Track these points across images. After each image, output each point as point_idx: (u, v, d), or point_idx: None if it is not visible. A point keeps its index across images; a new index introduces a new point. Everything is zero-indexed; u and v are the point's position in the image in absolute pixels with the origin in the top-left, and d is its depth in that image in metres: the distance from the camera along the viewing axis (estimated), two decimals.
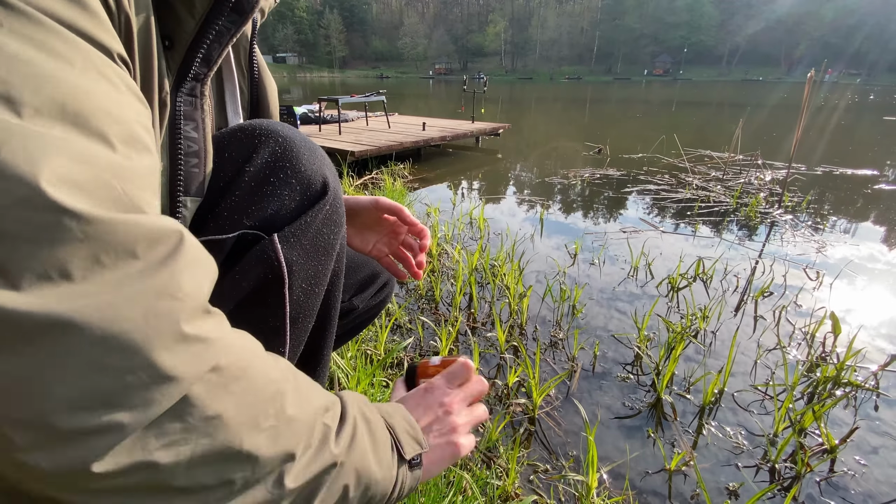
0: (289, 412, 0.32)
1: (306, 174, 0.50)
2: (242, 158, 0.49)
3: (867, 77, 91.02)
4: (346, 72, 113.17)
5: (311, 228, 0.49)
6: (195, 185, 0.46)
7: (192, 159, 0.45)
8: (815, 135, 8.49)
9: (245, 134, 0.50)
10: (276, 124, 0.52)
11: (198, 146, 0.46)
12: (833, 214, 3.70)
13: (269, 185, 0.48)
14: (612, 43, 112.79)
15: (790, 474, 1.25)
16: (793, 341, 1.87)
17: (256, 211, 0.48)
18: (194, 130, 0.45)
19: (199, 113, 0.46)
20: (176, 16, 0.41)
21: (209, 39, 0.42)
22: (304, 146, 0.51)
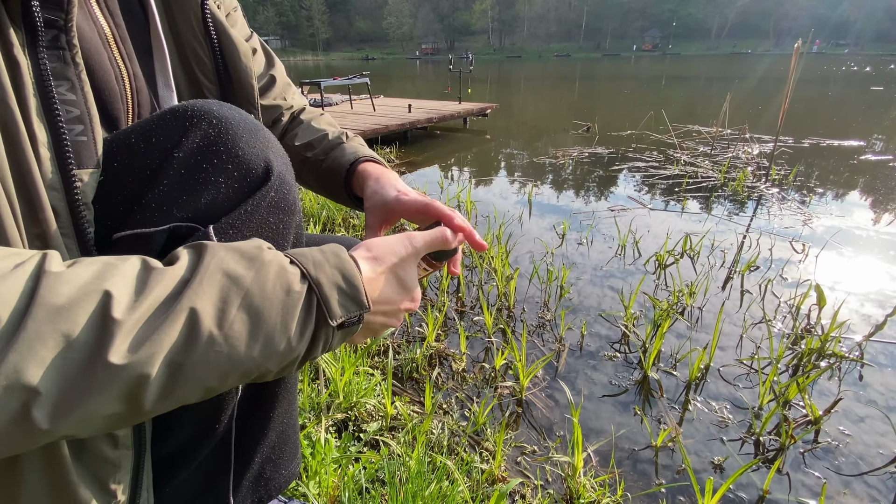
0: None
1: (245, 158, 0.45)
2: (171, 143, 0.43)
3: (854, 47, 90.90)
4: (330, 54, 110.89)
5: (254, 218, 0.45)
6: (87, 156, 0.40)
7: (76, 126, 0.39)
8: (802, 107, 8.48)
9: (174, 116, 0.44)
10: (213, 103, 0.46)
11: (79, 110, 0.40)
12: (820, 187, 3.71)
13: (201, 171, 0.43)
14: (600, 18, 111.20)
15: (775, 446, 1.26)
16: (778, 314, 1.88)
17: (189, 201, 0.43)
18: (70, 91, 0.39)
19: (71, 69, 0.39)
20: None
21: None
22: (243, 126, 0.46)
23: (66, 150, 0.38)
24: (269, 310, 0.35)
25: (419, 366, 1.51)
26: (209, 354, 0.32)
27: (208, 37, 0.57)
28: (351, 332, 0.42)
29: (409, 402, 1.33)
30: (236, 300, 0.34)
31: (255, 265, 0.36)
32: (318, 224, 2.64)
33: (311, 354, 0.39)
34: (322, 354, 0.42)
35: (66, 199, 0.38)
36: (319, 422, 1.16)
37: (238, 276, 0.35)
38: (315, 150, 0.73)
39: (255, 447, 0.60)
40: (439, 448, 1.15)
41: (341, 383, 1.26)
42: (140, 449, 0.45)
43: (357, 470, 1.03)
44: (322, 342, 0.39)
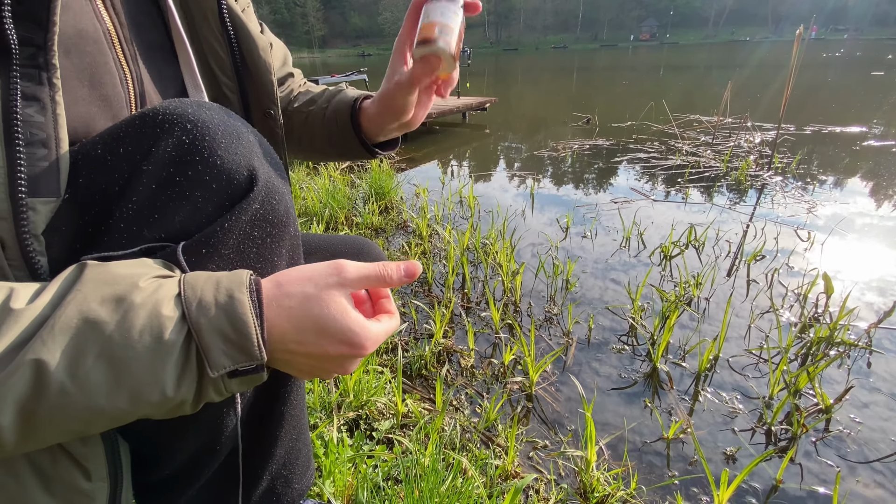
0: None
1: (225, 167, 0.39)
2: (140, 154, 0.39)
3: (853, 32, 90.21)
4: (326, 51, 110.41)
5: (233, 233, 0.40)
6: (45, 183, 0.37)
7: (38, 150, 0.36)
8: (804, 94, 8.43)
9: (144, 122, 0.39)
10: (188, 105, 0.41)
11: (45, 133, 0.36)
12: (823, 174, 3.69)
13: (174, 185, 0.38)
14: (597, 9, 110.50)
15: (786, 436, 1.26)
16: (786, 303, 1.88)
17: (161, 220, 0.39)
18: (39, 113, 0.36)
19: (45, 90, 0.37)
20: None
21: None
22: (222, 130, 0.40)
23: (19, 178, 0.35)
24: (134, 360, 0.32)
25: (428, 363, 1.51)
26: (64, 403, 0.30)
27: (226, 33, 0.56)
28: (253, 379, 0.37)
29: (419, 400, 1.33)
30: (93, 349, 0.31)
31: (121, 308, 0.32)
32: (321, 223, 2.64)
33: (203, 399, 0.36)
34: (220, 398, 0.37)
35: (14, 228, 0.35)
36: (331, 421, 1.16)
37: (98, 322, 0.32)
38: (318, 102, 0.73)
39: (264, 464, 0.58)
40: (452, 445, 1.15)
41: (351, 382, 1.26)
42: (116, 480, 0.44)
43: (371, 468, 1.03)
44: (212, 389, 0.35)
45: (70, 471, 0.39)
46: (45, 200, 0.37)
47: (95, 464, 0.41)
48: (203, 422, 0.48)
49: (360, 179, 3.55)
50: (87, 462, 0.40)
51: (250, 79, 0.60)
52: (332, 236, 0.80)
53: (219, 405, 0.48)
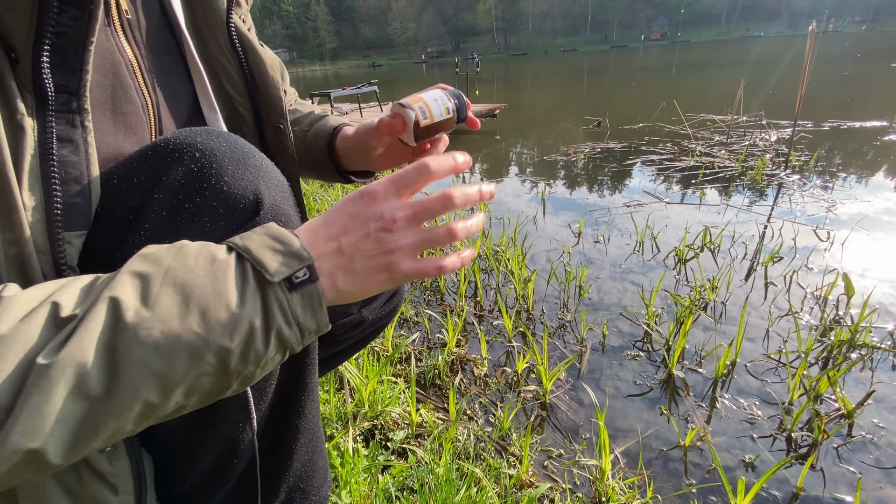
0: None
1: (232, 193, 0.42)
2: (152, 183, 0.41)
3: (872, 23, 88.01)
4: (337, 63, 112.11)
5: None
6: (78, 218, 0.40)
7: (72, 187, 0.39)
8: (821, 89, 8.25)
9: (156, 152, 0.42)
10: (197, 134, 0.43)
11: (78, 171, 0.39)
12: (842, 171, 3.61)
13: (183, 212, 0.41)
14: (606, 10, 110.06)
15: (807, 442, 1.24)
16: (805, 306, 1.84)
17: None
18: (73, 153, 0.39)
19: (78, 132, 0.40)
20: (6, 24, 0.36)
21: (49, 42, 0.37)
22: (229, 157, 0.43)
23: (56, 213, 0.38)
24: (194, 279, 0.34)
25: (441, 372, 1.52)
26: (139, 333, 0.31)
27: (235, 52, 0.59)
28: (310, 293, 0.37)
29: (433, 410, 1.35)
30: (157, 278, 0.33)
31: (173, 249, 0.36)
32: None
33: (272, 322, 0.36)
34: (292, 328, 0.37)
35: (53, 261, 0.38)
36: (347, 431, 1.18)
37: (157, 258, 0.35)
38: (301, 124, 0.76)
39: (282, 477, 0.59)
40: (466, 455, 1.16)
41: (366, 392, 1.28)
42: (141, 494, 0.45)
43: (387, 479, 1.04)
44: (276, 306, 0.36)
45: (98, 487, 0.41)
46: (79, 234, 0.40)
47: (122, 479, 0.43)
48: (220, 435, 0.50)
49: None
50: (114, 478, 0.43)
51: (259, 95, 0.63)
52: None
53: (234, 418, 0.50)
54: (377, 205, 0.41)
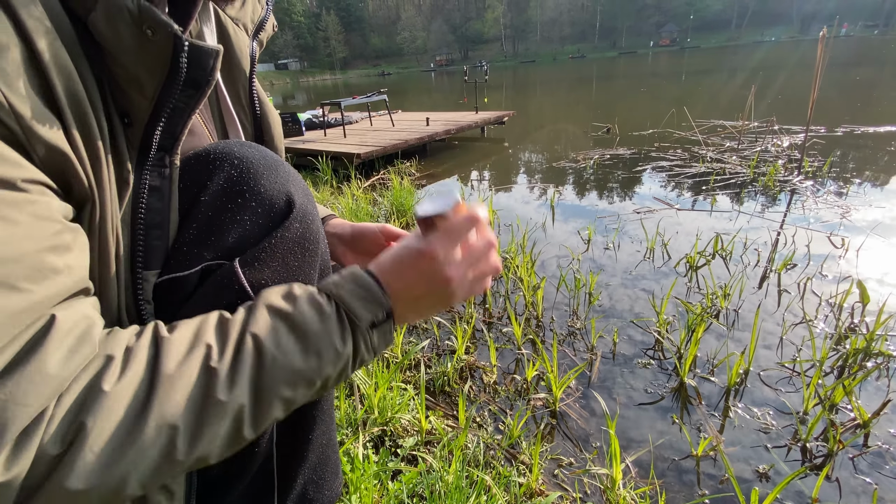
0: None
1: (267, 194, 0.48)
2: (197, 187, 0.47)
3: (885, 27, 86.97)
4: (347, 72, 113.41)
5: (280, 249, 0.48)
6: (156, 258, 0.45)
7: (154, 231, 0.45)
8: (833, 94, 8.17)
9: (198, 161, 0.48)
10: (233, 145, 0.49)
11: (161, 217, 0.45)
12: (857, 177, 3.56)
13: (227, 212, 0.46)
14: (614, 17, 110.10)
15: (822, 452, 1.22)
16: (819, 314, 1.82)
17: (217, 241, 0.46)
18: (159, 201, 0.45)
19: (166, 183, 0.45)
20: (128, 97, 0.41)
21: (166, 116, 0.42)
22: (263, 164, 0.49)
23: (139, 255, 0.43)
24: (311, 327, 0.42)
25: (451, 379, 1.53)
26: (275, 369, 0.39)
27: (252, 107, 0.65)
28: (385, 329, 0.46)
29: (442, 417, 1.35)
30: (283, 326, 0.41)
31: (290, 298, 0.43)
32: None
33: (358, 355, 0.45)
34: (370, 354, 0.46)
35: (133, 295, 0.44)
36: (357, 437, 1.19)
37: (281, 307, 0.42)
38: None
39: (297, 469, 0.62)
40: (475, 462, 1.16)
41: (376, 399, 1.29)
42: (189, 494, 0.49)
43: (397, 485, 1.05)
44: (363, 343, 0.44)
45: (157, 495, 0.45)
46: (154, 272, 0.45)
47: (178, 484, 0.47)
48: None
49: (381, 198, 3.62)
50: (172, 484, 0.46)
51: (263, 143, 0.68)
52: None
53: None
54: (440, 267, 0.48)
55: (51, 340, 0.31)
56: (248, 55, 0.65)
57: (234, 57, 0.63)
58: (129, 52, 0.39)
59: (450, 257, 0.48)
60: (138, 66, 0.40)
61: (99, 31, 0.38)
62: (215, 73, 0.44)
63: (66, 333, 0.33)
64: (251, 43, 0.65)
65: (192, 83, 0.42)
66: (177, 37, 0.39)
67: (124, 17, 0.38)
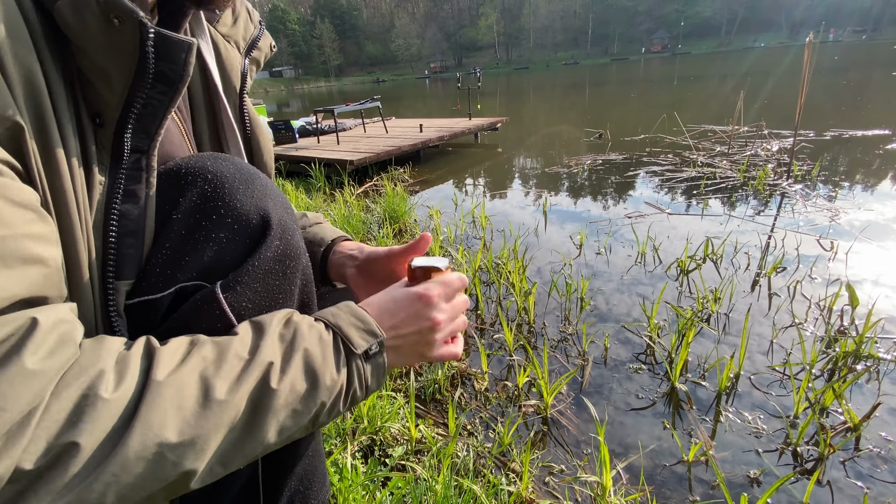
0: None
1: (244, 210, 0.46)
2: (169, 205, 0.45)
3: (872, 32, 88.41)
4: (342, 79, 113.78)
5: (261, 269, 0.46)
6: (129, 267, 0.43)
7: (128, 239, 0.42)
8: (822, 98, 8.27)
9: (170, 177, 0.46)
10: (206, 159, 0.47)
11: (136, 225, 0.43)
12: (845, 180, 3.59)
13: (201, 229, 0.44)
14: (606, 24, 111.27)
15: (813, 456, 1.21)
16: (809, 317, 1.82)
17: (192, 261, 0.44)
18: (134, 207, 0.42)
19: (143, 188, 0.43)
20: (98, 93, 0.40)
21: (136, 113, 0.40)
22: (238, 179, 0.47)
23: (110, 263, 0.42)
24: (314, 349, 0.43)
25: (441, 387, 1.51)
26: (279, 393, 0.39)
27: (242, 123, 0.64)
28: (379, 361, 0.47)
29: (432, 425, 1.34)
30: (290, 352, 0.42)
31: (291, 324, 0.44)
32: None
33: (351, 386, 0.45)
34: (362, 390, 0.47)
35: (104, 307, 0.42)
36: (345, 447, 1.18)
37: (283, 334, 0.43)
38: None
39: (283, 481, 0.61)
40: (465, 470, 1.14)
41: (365, 408, 1.28)
42: None
43: (385, 495, 1.03)
44: (356, 374, 0.45)
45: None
46: (126, 283, 0.43)
47: None
48: None
49: (374, 204, 3.62)
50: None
51: (252, 161, 0.68)
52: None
53: None
54: (431, 310, 0.52)
55: (31, 342, 0.30)
56: (240, 72, 0.64)
57: (226, 73, 0.63)
58: (96, 44, 0.38)
59: (441, 304, 0.52)
60: (106, 58, 0.38)
61: (65, 22, 0.37)
62: (188, 68, 0.42)
63: (46, 334, 0.31)
64: (243, 61, 0.65)
65: (162, 78, 0.40)
66: (142, 24, 0.38)
67: (90, 5, 0.36)
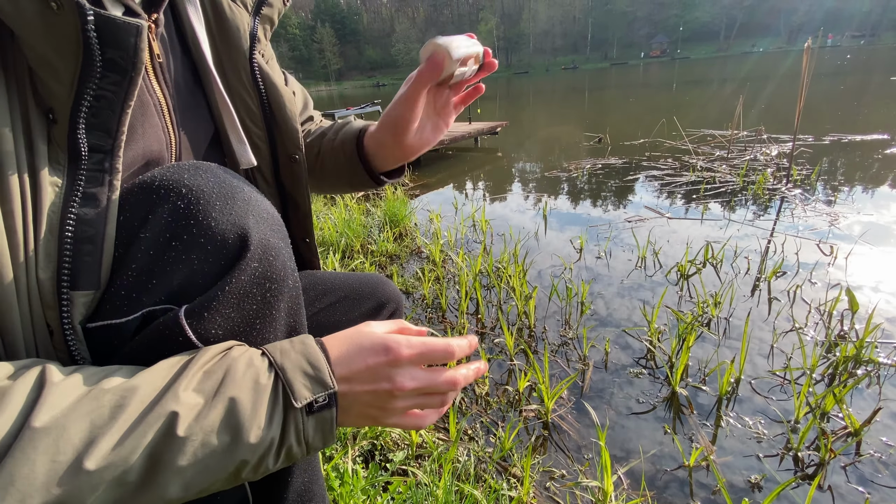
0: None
1: (219, 229, 0.41)
2: (137, 222, 0.40)
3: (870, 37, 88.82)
4: (342, 83, 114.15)
5: (233, 294, 0.41)
6: (86, 277, 0.39)
7: (85, 246, 0.38)
8: (821, 103, 8.30)
9: (141, 190, 0.41)
10: (184, 171, 0.43)
11: (94, 230, 0.39)
12: (845, 185, 3.60)
13: (171, 250, 0.40)
14: (605, 29, 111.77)
15: (814, 461, 1.21)
16: (810, 321, 1.82)
17: (160, 284, 0.40)
18: (93, 211, 0.39)
19: (104, 191, 0.39)
20: (48, 87, 0.37)
21: (88, 105, 0.37)
22: (216, 193, 0.42)
23: (65, 270, 0.38)
24: (241, 400, 0.36)
25: None
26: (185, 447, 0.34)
27: (256, 87, 0.61)
28: (325, 416, 0.40)
29: (433, 430, 1.33)
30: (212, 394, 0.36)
31: (227, 359, 0.38)
32: (337, 252, 2.69)
33: (285, 442, 0.39)
34: (300, 447, 0.40)
35: (58, 318, 0.38)
36: (346, 451, 1.17)
37: (213, 372, 0.37)
38: (327, 135, 0.77)
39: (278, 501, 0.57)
40: (466, 475, 1.14)
41: None
42: None
43: (386, 500, 1.03)
44: (293, 428, 0.39)
45: None
46: (84, 293, 0.39)
47: None
48: None
49: (375, 208, 3.62)
50: None
51: (277, 127, 0.65)
52: (348, 275, 0.81)
53: None
54: (395, 369, 0.44)
55: None
56: (248, 33, 0.60)
57: (230, 36, 0.59)
58: (34, 31, 0.34)
59: (409, 369, 0.45)
60: (47, 47, 0.35)
61: (1, 9, 0.33)
62: (140, 55, 0.38)
63: None
64: (252, 19, 0.61)
65: (112, 66, 0.37)
66: (79, 6, 0.34)
67: None
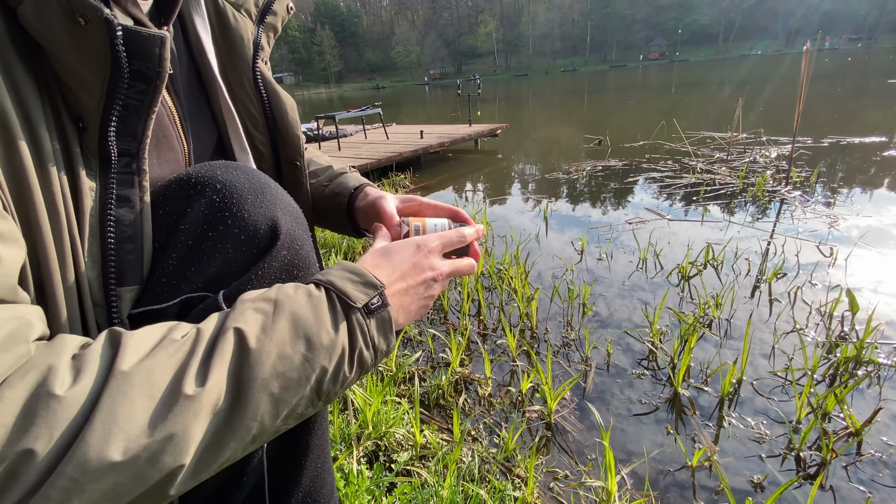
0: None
1: (252, 220, 0.45)
2: (177, 215, 0.44)
3: (868, 40, 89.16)
4: (342, 86, 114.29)
5: (266, 279, 0.45)
6: (131, 274, 0.42)
7: (126, 245, 0.41)
8: (820, 106, 8.33)
9: (179, 186, 0.45)
10: (217, 168, 0.46)
11: (133, 230, 0.42)
12: (844, 186, 3.62)
13: (207, 240, 0.44)
14: (604, 31, 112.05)
15: (816, 461, 1.22)
16: (810, 322, 1.83)
17: (198, 272, 0.43)
18: (130, 212, 0.42)
19: (136, 192, 0.42)
20: (77, 98, 0.39)
21: (117, 115, 0.39)
22: (248, 188, 0.46)
23: (111, 269, 0.40)
24: (300, 310, 0.39)
25: (445, 392, 1.52)
26: (262, 357, 0.35)
27: (259, 95, 0.63)
28: (383, 316, 0.44)
29: (437, 430, 1.34)
30: (271, 310, 0.38)
31: (274, 289, 0.41)
32: (339, 254, 2.70)
33: (356, 346, 0.41)
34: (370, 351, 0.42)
35: (107, 315, 0.41)
36: (351, 452, 1.18)
37: (266, 297, 0.39)
38: (319, 178, 0.77)
39: (290, 495, 0.60)
40: (470, 476, 1.15)
41: (370, 413, 1.28)
42: None
43: (391, 500, 1.04)
44: (358, 330, 0.41)
45: None
46: (130, 289, 0.42)
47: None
48: None
49: None
50: None
51: (279, 134, 0.66)
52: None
53: None
54: (432, 259, 0.51)
55: None
56: (252, 41, 0.62)
57: (234, 45, 0.61)
58: (64, 46, 0.36)
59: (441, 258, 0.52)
60: (78, 61, 0.37)
61: (30, 25, 0.35)
62: (164, 63, 0.40)
63: None
64: (256, 28, 0.63)
65: (139, 76, 0.39)
66: (108, 21, 0.36)
67: (52, 5, 0.34)
